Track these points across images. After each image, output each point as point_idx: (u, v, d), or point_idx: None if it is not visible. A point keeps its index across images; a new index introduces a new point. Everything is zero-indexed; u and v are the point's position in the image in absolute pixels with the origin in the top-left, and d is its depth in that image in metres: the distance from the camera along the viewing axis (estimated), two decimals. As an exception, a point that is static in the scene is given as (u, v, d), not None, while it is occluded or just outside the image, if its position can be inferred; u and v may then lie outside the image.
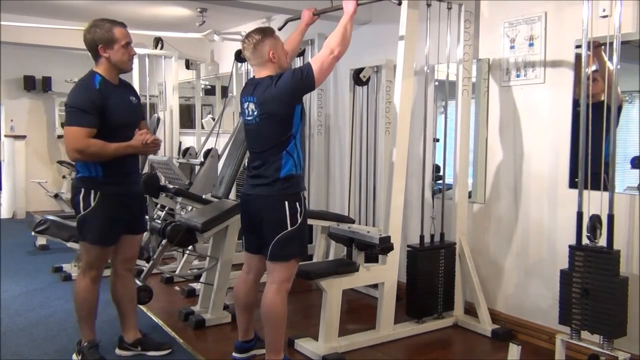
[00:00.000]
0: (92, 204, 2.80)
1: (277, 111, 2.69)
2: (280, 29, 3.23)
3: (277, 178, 2.71)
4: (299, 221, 2.74)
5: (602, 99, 2.92)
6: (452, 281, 3.63)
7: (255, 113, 2.75)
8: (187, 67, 6.43)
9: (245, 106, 2.82)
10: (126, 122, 2.89)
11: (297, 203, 2.74)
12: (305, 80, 2.65)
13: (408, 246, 3.54)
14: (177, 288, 4.48)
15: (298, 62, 5.06)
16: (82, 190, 2.81)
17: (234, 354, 3.06)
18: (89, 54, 2.85)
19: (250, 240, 2.94)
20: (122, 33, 2.81)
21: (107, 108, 2.75)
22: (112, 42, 2.78)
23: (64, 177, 7.86)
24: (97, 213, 2.81)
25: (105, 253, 2.94)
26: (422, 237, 3.54)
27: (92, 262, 2.91)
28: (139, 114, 3.04)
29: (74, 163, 2.96)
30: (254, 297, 2.99)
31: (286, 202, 2.71)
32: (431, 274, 3.52)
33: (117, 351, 3.14)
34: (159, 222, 3.54)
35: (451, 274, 3.62)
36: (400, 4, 3.20)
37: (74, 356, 3.00)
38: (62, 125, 2.86)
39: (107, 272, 4.68)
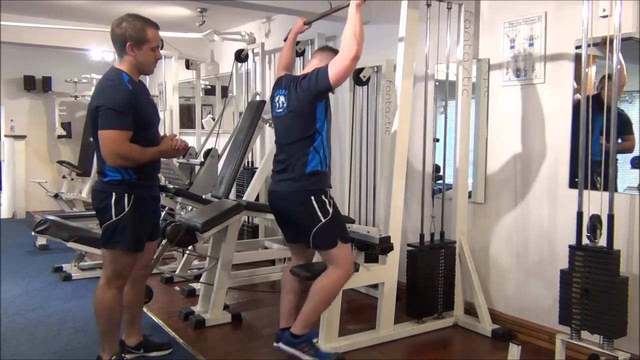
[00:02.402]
0: (126, 208, 2.63)
1: (299, 108, 2.79)
2: (285, 40, 3.26)
3: (302, 173, 2.77)
4: (331, 211, 2.78)
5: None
6: (452, 281, 3.63)
7: (285, 105, 2.84)
8: (187, 67, 6.43)
9: (277, 99, 2.90)
10: (153, 122, 2.80)
11: (323, 195, 2.79)
12: (318, 86, 2.71)
13: (408, 245, 3.54)
14: (177, 288, 4.49)
15: (298, 63, 5.06)
16: (114, 194, 2.63)
17: (276, 343, 2.91)
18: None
19: (287, 232, 3.03)
20: (154, 35, 2.70)
21: (138, 108, 2.62)
22: (142, 42, 2.66)
23: (64, 177, 7.88)
24: (131, 218, 2.64)
25: (135, 260, 2.76)
26: (422, 236, 3.54)
27: (121, 270, 2.72)
28: (158, 112, 2.94)
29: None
30: (302, 284, 3.02)
31: (312, 197, 2.76)
32: (431, 274, 3.52)
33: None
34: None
35: (451, 274, 3.62)
36: None
37: None
38: (94, 127, 2.62)
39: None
